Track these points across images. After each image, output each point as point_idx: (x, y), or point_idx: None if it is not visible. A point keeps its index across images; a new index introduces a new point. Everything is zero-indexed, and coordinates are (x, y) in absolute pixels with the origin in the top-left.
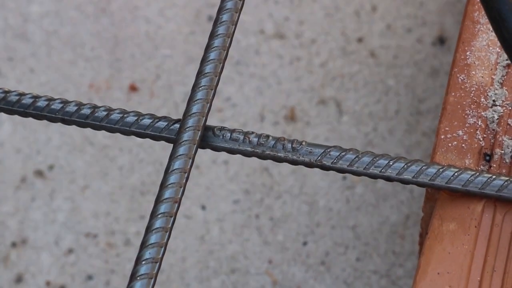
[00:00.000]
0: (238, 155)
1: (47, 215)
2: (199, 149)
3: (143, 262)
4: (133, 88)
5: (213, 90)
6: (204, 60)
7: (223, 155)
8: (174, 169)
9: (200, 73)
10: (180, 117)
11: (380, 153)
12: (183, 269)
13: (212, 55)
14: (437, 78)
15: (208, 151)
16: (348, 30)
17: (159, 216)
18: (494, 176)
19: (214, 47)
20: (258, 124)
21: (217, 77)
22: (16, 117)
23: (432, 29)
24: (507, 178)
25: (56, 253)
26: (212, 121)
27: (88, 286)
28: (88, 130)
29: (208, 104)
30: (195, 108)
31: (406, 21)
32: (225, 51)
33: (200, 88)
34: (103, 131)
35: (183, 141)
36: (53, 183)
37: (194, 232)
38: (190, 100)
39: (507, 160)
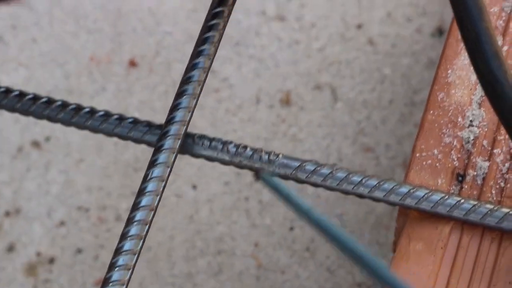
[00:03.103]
0: None
1: (41, 187)
2: None
3: (116, 269)
4: (132, 64)
5: (195, 99)
6: (188, 69)
7: (217, 135)
8: (152, 177)
9: (184, 81)
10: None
11: (354, 170)
12: (171, 248)
13: (199, 62)
14: (433, 70)
15: (204, 129)
16: (348, 16)
17: (135, 223)
18: (462, 200)
19: (201, 52)
20: (253, 106)
21: (201, 86)
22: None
23: (432, 19)
24: (475, 203)
25: (48, 225)
26: (208, 101)
27: (77, 259)
28: (86, 103)
29: (190, 113)
30: (177, 117)
31: (407, 10)
32: (210, 61)
33: (184, 96)
34: None
35: (163, 149)
36: (49, 154)
37: (183, 211)
38: (173, 108)
39: (479, 182)
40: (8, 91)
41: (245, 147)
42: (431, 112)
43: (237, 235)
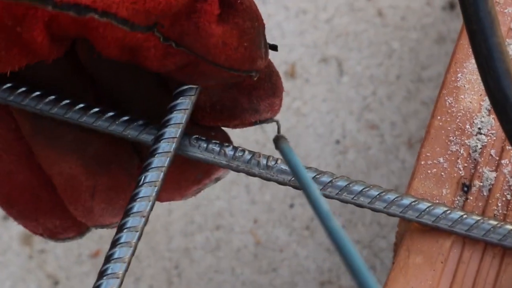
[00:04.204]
0: None
1: None
2: None
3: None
4: None
5: (192, 101)
6: None
7: None
8: (145, 182)
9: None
10: None
11: (355, 179)
12: (169, 222)
13: None
14: (443, 45)
15: None
16: None
17: (125, 230)
18: (465, 215)
19: None
20: None
21: (198, 89)
22: None
23: None
24: (478, 218)
25: None
26: None
27: None
28: None
29: (186, 115)
30: (173, 119)
31: None
32: None
33: (180, 97)
34: None
35: (157, 153)
36: None
37: None
38: (169, 110)
39: (485, 193)
40: (0, 83)
41: (243, 150)
42: (438, 117)
43: (236, 211)
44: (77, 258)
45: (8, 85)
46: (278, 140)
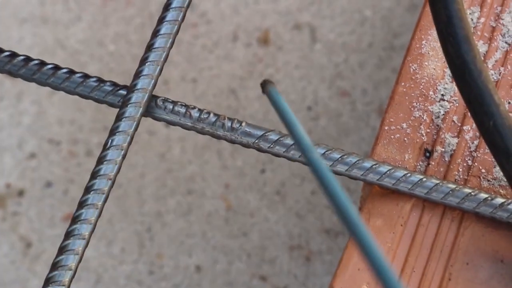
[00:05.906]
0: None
1: (13, 117)
2: None
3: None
4: None
5: (159, 66)
6: (154, 33)
7: (193, 71)
8: (112, 145)
9: (149, 47)
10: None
11: (318, 142)
12: (141, 186)
13: (164, 29)
14: (415, 14)
15: (180, 65)
16: None
17: (91, 192)
18: (425, 178)
19: (164, 18)
20: (230, 44)
21: (166, 52)
22: None
23: None
24: (437, 182)
25: (18, 156)
26: (185, 37)
27: (47, 193)
28: (61, 33)
29: (154, 80)
30: (140, 84)
31: None
32: (177, 26)
33: (148, 63)
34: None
35: (125, 117)
36: (22, 84)
37: (155, 149)
38: (137, 74)
39: (447, 159)
40: None
41: (208, 113)
42: (403, 84)
43: (208, 176)
44: (50, 221)
45: None
46: (266, 84)
